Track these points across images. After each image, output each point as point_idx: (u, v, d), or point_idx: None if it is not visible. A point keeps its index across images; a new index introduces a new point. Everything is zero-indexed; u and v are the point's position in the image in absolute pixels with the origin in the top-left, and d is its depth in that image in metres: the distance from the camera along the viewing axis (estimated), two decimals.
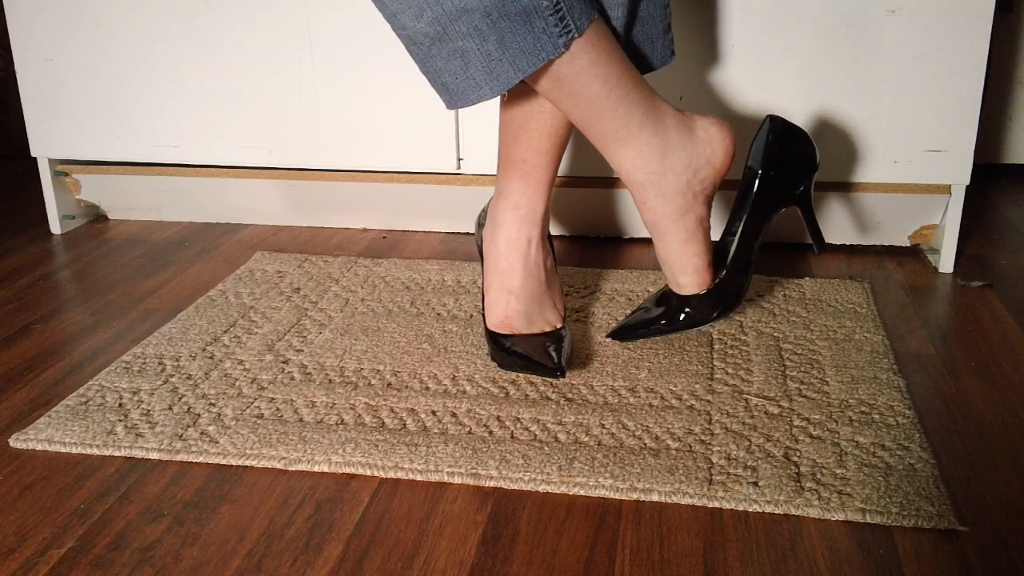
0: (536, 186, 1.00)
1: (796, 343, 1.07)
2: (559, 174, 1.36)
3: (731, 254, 1.02)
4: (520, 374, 1.00)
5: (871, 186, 1.30)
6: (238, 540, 0.77)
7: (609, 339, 1.08)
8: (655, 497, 0.81)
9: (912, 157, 1.28)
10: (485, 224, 1.05)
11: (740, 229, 1.02)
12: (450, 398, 0.96)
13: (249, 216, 1.55)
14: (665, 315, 1.05)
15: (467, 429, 0.91)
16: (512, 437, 0.89)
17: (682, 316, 1.03)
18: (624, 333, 1.07)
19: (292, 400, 0.97)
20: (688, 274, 1.01)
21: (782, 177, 1.02)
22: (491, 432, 0.90)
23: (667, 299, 1.05)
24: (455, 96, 0.88)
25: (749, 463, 0.85)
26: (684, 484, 0.82)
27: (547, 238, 1.04)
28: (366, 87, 1.37)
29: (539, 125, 0.97)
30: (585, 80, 0.88)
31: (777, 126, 1.02)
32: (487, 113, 1.33)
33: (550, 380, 0.99)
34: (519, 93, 0.96)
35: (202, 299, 1.23)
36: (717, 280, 1.02)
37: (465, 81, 0.86)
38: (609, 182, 1.37)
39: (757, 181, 1.01)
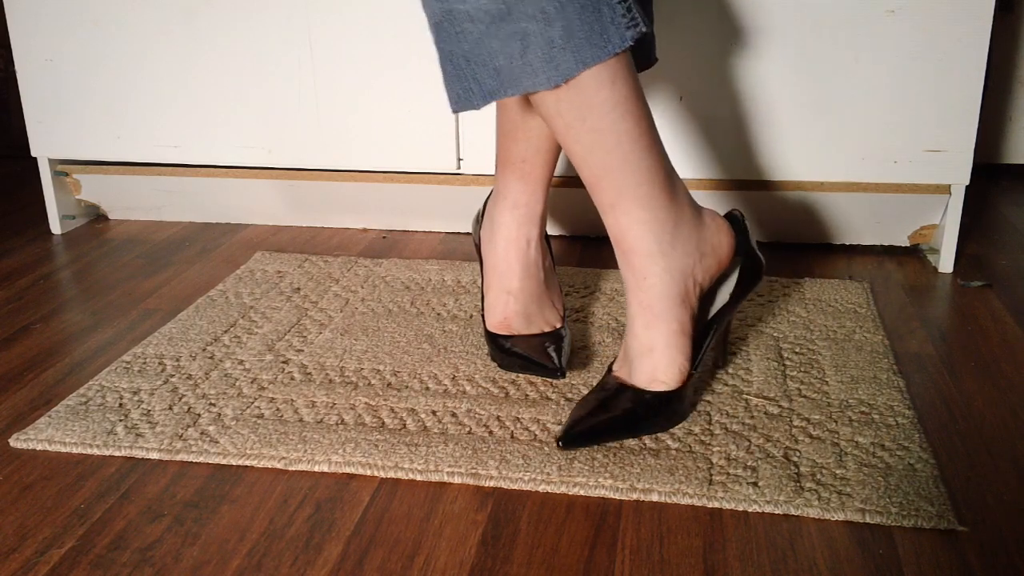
0: (535, 186, 0.99)
1: (796, 343, 1.07)
2: (558, 174, 1.36)
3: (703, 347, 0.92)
4: (520, 374, 1.00)
5: (871, 186, 1.30)
6: (238, 540, 0.77)
7: (608, 339, 1.08)
8: (655, 497, 0.81)
9: (912, 157, 1.28)
10: (483, 224, 1.05)
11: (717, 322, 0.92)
12: (450, 398, 0.96)
13: (249, 216, 1.55)
14: (640, 417, 0.89)
15: (467, 429, 0.91)
16: (512, 437, 0.89)
17: (657, 418, 0.89)
18: (585, 438, 0.88)
19: (292, 400, 0.97)
20: (673, 370, 0.88)
21: (752, 270, 0.93)
22: (491, 432, 0.90)
23: (632, 397, 0.89)
24: (505, 81, 0.80)
25: (749, 463, 0.85)
26: (684, 484, 0.82)
27: (545, 238, 1.04)
28: (366, 87, 1.37)
29: (537, 124, 0.96)
30: (620, 113, 0.80)
31: (743, 221, 0.94)
32: (487, 113, 1.32)
33: (550, 380, 0.99)
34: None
35: (202, 299, 1.23)
36: (691, 376, 0.90)
37: (521, 67, 0.78)
38: None
39: (738, 271, 0.93)
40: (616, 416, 0.88)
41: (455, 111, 0.84)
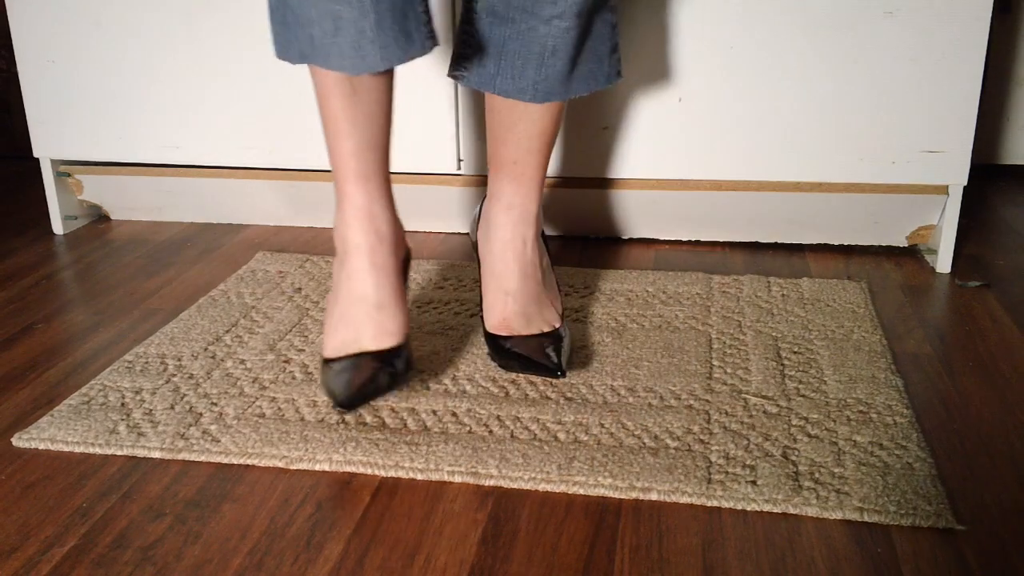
0: (528, 187, 1.00)
1: (794, 343, 1.08)
2: (557, 175, 1.37)
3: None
4: (520, 374, 1.01)
5: (869, 186, 1.31)
6: (240, 539, 0.77)
7: (608, 339, 1.08)
8: (654, 496, 0.81)
9: (910, 158, 1.28)
10: (479, 225, 1.05)
11: None
12: (450, 398, 0.97)
13: (250, 216, 1.56)
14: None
15: (467, 428, 0.91)
16: (512, 436, 0.90)
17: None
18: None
19: (293, 399, 0.97)
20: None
21: None
22: (491, 431, 0.91)
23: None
24: (317, 52, 0.85)
25: (747, 462, 0.85)
26: (683, 483, 0.82)
27: (542, 237, 1.05)
28: None
29: (525, 127, 0.97)
30: (389, 114, 0.91)
31: None
32: None
33: (550, 380, 0.99)
34: (501, 98, 0.96)
35: (204, 299, 1.23)
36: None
37: (331, 45, 0.84)
38: (607, 183, 1.38)
39: None
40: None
41: (277, 56, 0.90)
